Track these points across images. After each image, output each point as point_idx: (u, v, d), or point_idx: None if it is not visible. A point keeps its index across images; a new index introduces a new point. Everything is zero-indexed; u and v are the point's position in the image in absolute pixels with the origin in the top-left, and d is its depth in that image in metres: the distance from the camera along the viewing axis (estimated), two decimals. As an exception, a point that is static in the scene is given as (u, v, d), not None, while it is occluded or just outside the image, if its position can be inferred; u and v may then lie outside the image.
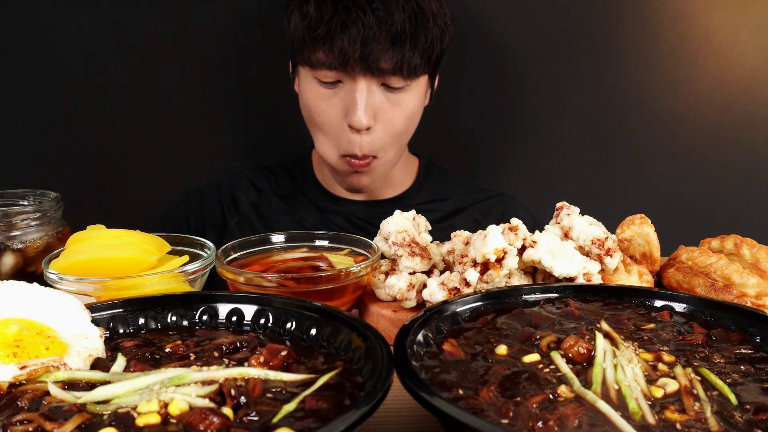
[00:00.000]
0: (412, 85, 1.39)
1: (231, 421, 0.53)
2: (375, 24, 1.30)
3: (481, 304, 0.78)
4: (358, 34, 1.29)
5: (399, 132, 1.42)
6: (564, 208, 0.99)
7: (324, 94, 1.38)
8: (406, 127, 1.44)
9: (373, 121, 1.36)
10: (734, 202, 1.87)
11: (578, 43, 1.79)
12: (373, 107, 1.36)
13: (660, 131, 1.84)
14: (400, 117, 1.40)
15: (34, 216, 1.00)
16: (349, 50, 1.30)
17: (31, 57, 1.69)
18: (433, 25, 1.37)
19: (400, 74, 1.34)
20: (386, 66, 1.32)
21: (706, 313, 0.78)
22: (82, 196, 1.73)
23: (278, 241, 1.06)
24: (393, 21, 1.31)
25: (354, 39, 1.29)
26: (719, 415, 0.56)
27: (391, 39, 1.31)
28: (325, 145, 1.43)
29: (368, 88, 1.34)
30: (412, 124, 1.47)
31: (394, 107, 1.39)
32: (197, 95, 1.77)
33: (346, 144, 1.39)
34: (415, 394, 0.56)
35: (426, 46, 1.36)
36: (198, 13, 1.72)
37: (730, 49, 1.79)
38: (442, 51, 1.44)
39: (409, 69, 1.34)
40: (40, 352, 0.63)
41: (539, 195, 1.81)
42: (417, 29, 1.33)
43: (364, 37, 1.29)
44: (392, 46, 1.31)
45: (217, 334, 0.71)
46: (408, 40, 1.32)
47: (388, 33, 1.30)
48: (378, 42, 1.30)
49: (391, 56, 1.32)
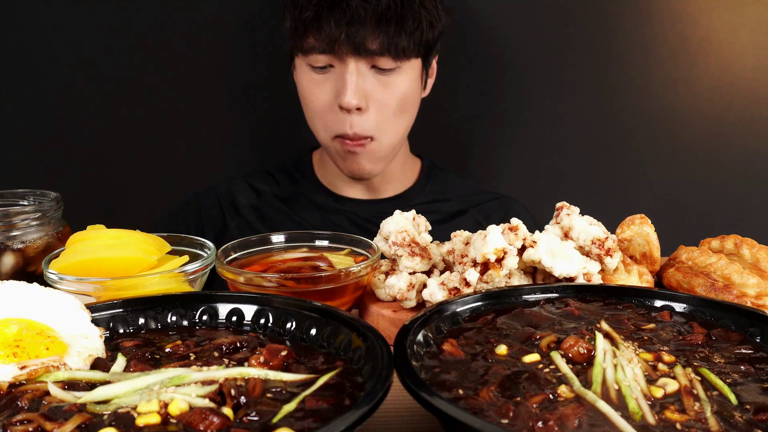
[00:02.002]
0: (403, 68, 1.42)
1: (231, 421, 0.53)
2: (360, 5, 1.34)
3: (481, 304, 0.78)
4: (343, 15, 1.33)
5: (392, 114, 1.44)
6: (564, 208, 0.99)
7: (316, 79, 1.42)
8: (401, 110, 1.46)
9: (364, 101, 1.39)
10: (734, 202, 1.87)
11: (578, 43, 1.79)
12: (364, 89, 1.39)
13: (660, 131, 1.84)
14: (392, 99, 1.42)
15: (34, 216, 1.00)
16: (336, 32, 1.34)
17: (32, 57, 1.69)
18: (421, 6, 1.40)
19: (389, 54, 1.37)
20: (373, 47, 1.36)
21: (706, 313, 0.78)
22: (82, 196, 1.73)
23: (278, 241, 1.06)
24: (378, 2, 1.35)
25: (339, 21, 1.33)
26: (719, 415, 0.56)
27: (377, 19, 1.34)
28: (319, 129, 1.47)
29: (358, 70, 1.38)
30: (408, 108, 1.48)
31: (386, 89, 1.41)
32: (198, 96, 1.77)
33: (337, 124, 1.42)
34: (415, 394, 0.56)
35: (414, 28, 1.39)
36: (200, 15, 1.72)
37: (730, 49, 1.79)
38: (433, 36, 1.46)
39: (397, 50, 1.37)
40: (40, 352, 0.63)
41: (539, 195, 1.81)
42: (403, 10, 1.37)
43: (349, 19, 1.33)
44: (377, 26, 1.35)
45: (217, 334, 0.71)
46: (393, 20, 1.36)
47: (373, 14, 1.34)
48: (363, 23, 1.34)
49: (378, 37, 1.35)
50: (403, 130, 1.51)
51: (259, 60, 1.77)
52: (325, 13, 1.34)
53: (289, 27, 1.42)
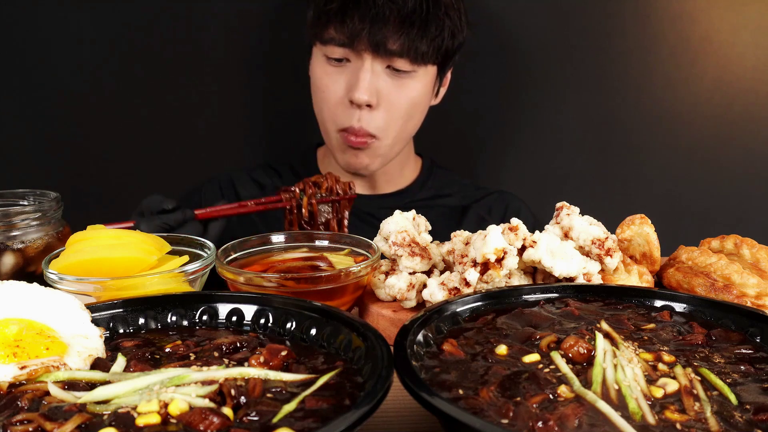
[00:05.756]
0: (419, 72, 1.42)
1: (231, 421, 0.53)
2: (386, 4, 1.34)
3: (481, 304, 0.78)
4: (368, 12, 1.34)
5: (401, 116, 1.44)
6: (564, 208, 0.99)
7: (331, 71, 1.43)
8: (410, 114, 1.46)
9: (375, 99, 1.39)
10: (734, 202, 1.87)
11: (578, 43, 1.79)
12: (376, 87, 1.39)
13: (660, 131, 1.84)
14: (403, 101, 1.43)
15: (34, 216, 1.00)
16: (358, 27, 1.34)
17: (32, 57, 1.69)
18: (445, 15, 1.40)
19: (407, 57, 1.38)
20: (393, 47, 1.36)
21: (706, 313, 0.78)
22: (82, 196, 1.73)
23: (278, 241, 1.06)
24: (405, 3, 1.35)
25: (364, 17, 1.34)
26: (719, 415, 0.56)
27: (401, 21, 1.35)
28: (326, 121, 1.47)
29: (373, 68, 1.38)
30: (417, 113, 1.49)
31: (398, 90, 1.42)
32: (198, 96, 1.77)
33: (345, 117, 1.42)
34: (415, 394, 0.56)
35: (435, 35, 1.39)
36: (200, 11, 1.72)
37: (730, 49, 1.79)
38: (453, 46, 1.46)
39: (416, 54, 1.38)
40: (40, 352, 0.63)
41: (539, 194, 1.81)
42: (428, 15, 1.37)
43: (373, 16, 1.33)
44: (401, 27, 1.35)
45: (217, 334, 0.71)
46: (417, 23, 1.36)
47: (398, 15, 1.34)
48: (387, 22, 1.34)
49: (399, 38, 1.35)
50: (407, 134, 1.52)
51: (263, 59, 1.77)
52: (350, 6, 1.35)
53: (312, 15, 1.42)
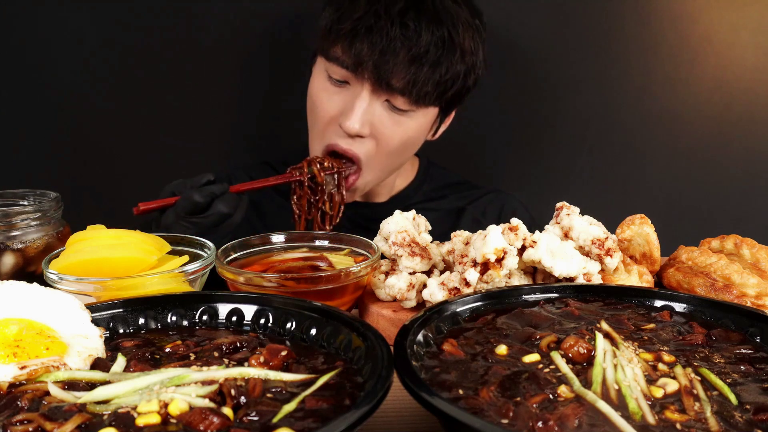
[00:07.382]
0: (417, 113, 1.36)
1: (231, 421, 0.53)
2: (399, 38, 1.27)
3: (481, 304, 0.78)
4: (379, 41, 1.27)
5: (391, 151, 1.39)
6: (564, 208, 0.99)
7: (329, 89, 1.38)
8: (400, 151, 1.41)
9: (366, 130, 1.34)
10: (734, 202, 1.88)
11: (578, 43, 1.79)
12: (370, 118, 1.34)
13: (660, 131, 1.84)
14: (395, 138, 1.37)
15: (34, 216, 1.00)
16: (365, 55, 1.28)
17: (32, 57, 1.69)
18: (460, 60, 1.33)
19: (408, 96, 1.31)
20: (396, 84, 1.30)
21: (706, 313, 0.78)
22: (82, 196, 1.73)
23: (278, 241, 1.06)
24: (418, 41, 1.28)
25: (373, 45, 1.27)
26: (719, 415, 0.56)
27: (410, 58, 1.28)
28: (315, 139, 1.44)
29: (370, 99, 1.33)
30: (408, 150, 1.44)
31: (393, 126, 1.36)
32: (198, 95, 1.77)
33: (333, 136, 1.38)
34: (415, 394, 0.56)
35: (444, 78, 1.32)
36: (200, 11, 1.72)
37: (730, 49, 1.79)
38: (462, 90, 1.40)
39: (418, 94, 1.31)
40: (40, 352, 0.63)
41: (539, 194, 1.81)
42: (440, 57, 1.30)
43: (383, 47, 1.27)
44: (409, 65, 1.28)
45: (217, 334, 0.71)
46: (427, 64, 1.29)
47: (408, 51, 1.28)
48: (396, 56, 1.27)
49: (405, 75, 1.29)
50: (392, 169, 1.47)
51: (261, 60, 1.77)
52: (361, 32, 1.28)
53: (323, 27, 1.36)
